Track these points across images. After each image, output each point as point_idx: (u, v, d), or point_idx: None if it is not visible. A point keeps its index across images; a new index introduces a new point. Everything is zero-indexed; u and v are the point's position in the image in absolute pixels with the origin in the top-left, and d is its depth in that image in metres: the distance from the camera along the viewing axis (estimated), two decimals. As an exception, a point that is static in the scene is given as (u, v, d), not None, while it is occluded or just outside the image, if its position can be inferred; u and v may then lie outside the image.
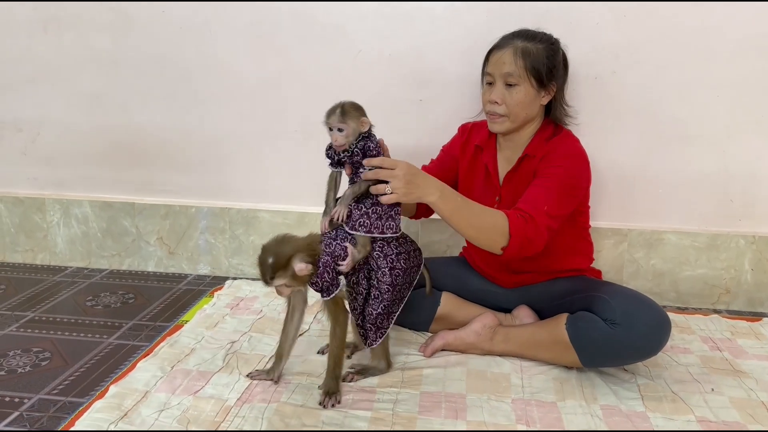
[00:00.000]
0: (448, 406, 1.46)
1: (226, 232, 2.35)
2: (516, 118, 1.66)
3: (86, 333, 1.87)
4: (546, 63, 1.63)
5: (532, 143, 1.69)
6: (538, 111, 1.69)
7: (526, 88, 1.63)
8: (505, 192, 1.72)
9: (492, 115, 1.67)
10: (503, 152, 1.76)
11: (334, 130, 1.45)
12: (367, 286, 1.54)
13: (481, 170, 1.79)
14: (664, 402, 1.49)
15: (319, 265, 1.43)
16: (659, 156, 2.06)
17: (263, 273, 1.39)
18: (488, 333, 1.70)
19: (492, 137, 1.77)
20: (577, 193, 1.63)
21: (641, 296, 1.57)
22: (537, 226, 1.52)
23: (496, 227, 1.49)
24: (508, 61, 1.62)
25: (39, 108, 2.35)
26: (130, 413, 1.40)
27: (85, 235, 2.42)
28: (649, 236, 2.12)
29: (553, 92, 1.68)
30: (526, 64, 1.61)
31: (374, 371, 1.59)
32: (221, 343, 1.75)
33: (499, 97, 1.64)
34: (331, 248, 1.46)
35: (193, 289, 2.24)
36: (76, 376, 1.61)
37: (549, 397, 1.50)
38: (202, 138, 2.29)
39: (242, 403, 1.45)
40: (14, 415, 1.43)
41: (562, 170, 1.60)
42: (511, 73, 1.62)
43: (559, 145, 1.65)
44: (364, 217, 1.47)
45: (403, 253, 1.52)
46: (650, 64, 1.99)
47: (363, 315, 1.54)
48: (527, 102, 1.64)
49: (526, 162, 1.68)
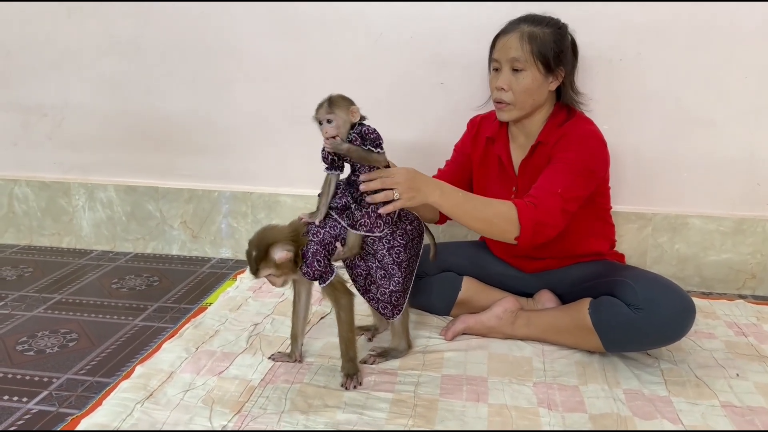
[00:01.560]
0: (469, 389, 1.46)
1: (248, 216, 2.36)
2: (523, 105, 1.64)
3: (112, 315, 1.90)
4: (553, 47, 1.60)
5: (545, 129, 1.67)
6: (546, 97, 1.66)
7: (533, 74, 1.61)
8: (521, 182, 1.71)
9: (499, 102, 1.66)
10: (516, 141, 1.75)
11: (324, 124, 1.43)
12: (364, 267, 1.54)
13: (495, 162, 1.77)
14: (687, 387, 1.48)
15: (308, 255, 1.44)
16: (685, 139, 2.04)
17: (250, 267, 1.42)
18: (510, 317, 1.70)
19: (503, 127, 1.75)
20: (594, 174, 1.61)
21: (665, 281, 1.56)
22: (549, 209, 1.51)
23: (504, 217, 1.48)
24: (514, 45, 1.60)
25: (63, 93, 2.38)
26: (156, 393, 1.42)
27: (110, 218, 2.45)
28: (674, 220, 2.10)
29: (562, 77, 1.65)
30: (532, 49, 1.59)
31: (395, 353, 1.60)
32: (244, 325, 1.77)
33: (505, 83, 1.62)
34: (320, 236, 1.46)
35: (216, 272, 2.26)
36: (103, 356, 1.65)
37: (571, 381, 1.50)
38: (223, 122, 2.30)
39: (266, 383, 1.47)
40: (43, 394, 1.46)
41: (577, 153, 1.58)
42: (517, 58, 1.60)
43: (572, 129, 1.63)
44: (365, 217, 1.46)
45: (398, 230, 1.53)
46: (676, 46, 1.97)
47: (369, 296, 1.55)
48: (534, 88, 1.62)
49: (540, 149, 1.66)
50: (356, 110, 1.45)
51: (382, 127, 1.50)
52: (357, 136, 1.44)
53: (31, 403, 1.42)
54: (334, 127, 1.43)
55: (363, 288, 1.56)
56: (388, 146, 1.54)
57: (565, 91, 1.68)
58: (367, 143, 1.44)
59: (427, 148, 2.14)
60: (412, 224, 1.56)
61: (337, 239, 1.47)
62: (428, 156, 2.01)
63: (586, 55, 1.95)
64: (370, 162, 1.45)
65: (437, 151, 1.98)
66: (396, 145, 2.09)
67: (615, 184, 1.88)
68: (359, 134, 1.44)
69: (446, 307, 1.82)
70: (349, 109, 1.44)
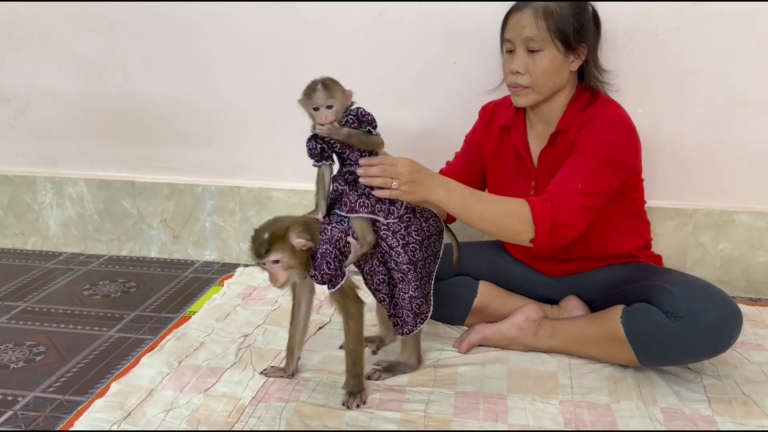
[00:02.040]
0: (486, 408, 1.46)
1: (236, 213, 2.37)
2: (542, 88, 1.64)
3: (84, 325, 1.90)
4: (573, 23, 1.59)
5: (566, 115, 1.67)
6: (567, 78, 1.66)
7: (551, 54, 1.60)
8: (541, 175, 1.71)
9: (514, 87, 1.65)
10: (534, 129, 1.74)
11: (321, 109, 1.44)
12: (385, 271, 1.54)
13: (511, 153, 1.77)
14: (733, 405, 1.48)
15: (317, 255, 1.44)
16: (729, 125, 2.04)
17: (258, 247, 1.39)
18: (532, 327, 1.70)
19: (520, 114, 1.75)
20: (622, 165, 1.61)
21: (707, 285, 1.56)
22: (567, 206, 1.51)
23: (516, 217, 1.49)
24: (529, 23, 1.59)
25: (28, 76, 2.38)
26: (134, 413, 1.42)
27: (81, 217, 2.46)
28: (718, 217, 2.10)
29: (584, 55, 1.65)
30: (549, 26, 1.58)
31: (403, 368, 1.60)
32: (233, 336, 1.78)
33: (521, 66, 1.62)
34: (328, 233, 1.47)
35: (200, 277, 2.27)
36: (74, 372, 1.65)
37: (602, 399, 1.50)
38: (209, 108, 2.31)
39: (257, 402, 1.47)
40: (8, 414, 1.47)
41: (601, 141, 1.58)
42: (533, 38, 1.59)
43: (596, 113, 1.62)
44: (363, 198, 1.47)
45: (413, 224, 1.53)
46: (719, 19, 1.96)
47: (393, 303, 1.55)
48: (554, 69, 1.61)
49: (561, 137, 1.66)
50: (350, 93, 1.47)
51: (386, 113, 1.50)
52: (354, 119, 1.45)
53: (-6, 425, 1.43)
54: (333, 112, 1.44)
55: (388, 296, 1.55)
56: (394, 135, 1.55)
57: (588, 70, 1.68)
58: (365, 125, 1.45)
59: (436, 136, 2.14)
60: (428, 221, 1.56)
61: (347, 233, 1.48)
62: (437, 146, 2.01)
63: (617, 30, 1.96)
64: (370, 145, 1.45)
65: (448, 140, 1.98)
66: (401, 133, 2.09)
67: (650, 177, 1.88)
68: (355, 116, 1.45)
69: (460, 315, 1.82)
70: (344, 91, 1.46)
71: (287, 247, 1.40)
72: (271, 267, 1.41)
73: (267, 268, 1.42)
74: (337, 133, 1.44)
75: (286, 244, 1.40)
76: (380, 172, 1.42)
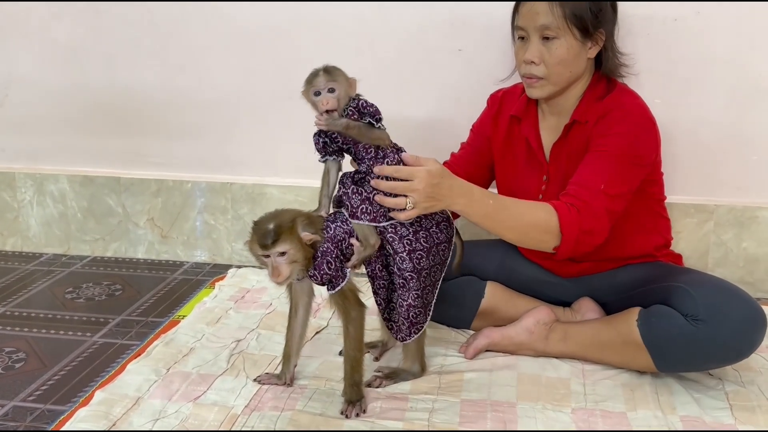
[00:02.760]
0: (494, 417, 1.47)
1: (227, 211, 2.38)
2: (558, 79, 1.64)
3: (66, 330, 1.92)
4: (590, 7, 1.59)
5: (581, 105, 1.67)
6: (585, 66, 1.67)
7: (568, 41, 1.60)
8: (553, 169, 1.72)
9: (529, 78, 1.66)
10: (547, 120, 1.75)
11: (323, 94, 1.45)
12: (387, 274, 1.55)
13: (522, 145, 1.78)
14: (757, 413, 1.49)
15: (317, 254, 1.45)
16: (753, 115, 2.04)
17: (262, 237, 1.40)
18: (543, 330, 1.71)
19: (531, 103, 1.76)
20: (643, 161, 1.62)
21: (730, 286, 1.57)
22: (594, 212, 1.52)
23: (542, 226, 1.50)
24: (543, 10, 1.59)
25: (6, 65, 2.40)
26: (120, 423, 1.43)
27: (63, 215, 2.47)
28: (741, 213, 2.11)
29: (602, 41, 1.65)
30: (565, 12, 1.58)
31: (406, 375, 1.61)
32: (225, 341, 1.79)
33: (535, 55, 1.62)
34: (331, 232, 1.48)
35: (190, 278, 2.28)
36: (56, 380, 1.66)
37: (617, 407, 1.51)
38: (199, 99, 2.32)
39: (250, 410, 1.48)
40: (-14, 424, 1.48)
41: (621, 136, 1.59)
42: (547, 25, 1.59)
43: (614, 105, 1.63)
44: (366, 203, 1.47)
45: (422, 230, 1.53)
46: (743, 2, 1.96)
47: (390, 308, 1.56)
48: (571, 58, 1.62)
49: (576, 129, 1.67)
50: (355, 81, 1.48)
51: (389, 102, 1.50)
52: (354, 110, 1.46)
53: (-29, 436, 1.44)
54: (335, 97, 1.45)
55: (385, 301, 1.57)
56: (395, 125, 1.55)
57: (606, 57, 1.68)
58: (366, 117, 1.46)
59: (441, 127, 2.15)
60: (438, 226, 1.56)
61: (351, 234, 1.49)
62: (443, 137, 2.02)
63: (635, 14, 1.96)
64: (372, 139, 1.46)
65: (453, 130, 1.99)
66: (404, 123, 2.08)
67: (669, 171, 1.88)
68: (356, 108, 1.46)
69: (467, 318, 1.83)
70: (347, 79, 1.47)
71: (295, 238, 1.41)
72: (276, 260, 1.41)
73: (270, 261, 1.42)
74: (335, 124, 1.44)
75: (294, 236, 1.41)
76: (391, 189, 1.42)
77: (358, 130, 1.45)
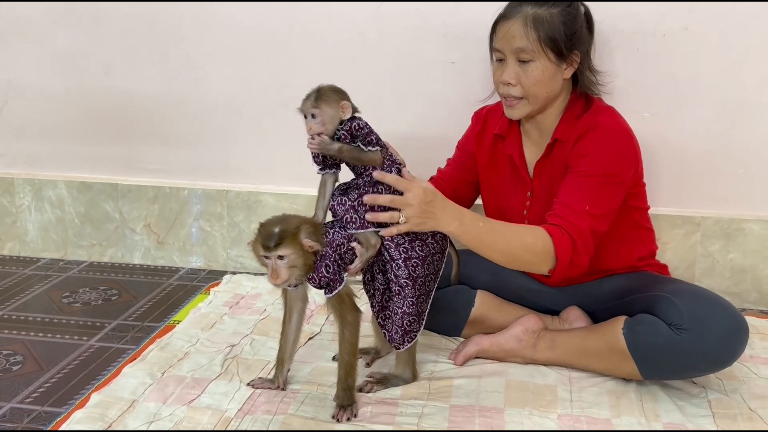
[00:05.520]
0: (482, 422, 1.50)
1: (223, 218, 2.41)
2: (535, 99, 1.68)
3: (63, 334, 1.94)
4: (564, 30, 1.63)
5: (561, 124, 1.71)
6: (561, 86, 1.70)
7: (543, 64, 1.64)
8: (537, 185, 1.76)
9: (507, 98, 1.70)
10: (529, 137, 1.79)
11: (308, 118, 1.50)
12: (383, 280, 1.59)
13: (506, 163, 1.82)
14: (739, 420, 1.52)
15: (317, 258, 1.49)
16: (740, 128, 2.07)
17: (266, 239, 1.44)
18: (531, 338, 1.74)
19: (514, 122, 1.79)
20: (622, 178, 1.65)
21: (713, 296, 1.61)
22: (582, 234, 1.56)
23: (534, 250, 1.54)
24: (518, 33, 1.63)
25: (5, 71, 2.43)
26: (115, 425, 1.47)
27: (60, 221, 2.50)
28: (727, 225, 2.14)
29: (577, 63, 1.69)
30: (539, 36, 1.62)
31: (397, 381, 1.64)
32: (219, 346, 1.82)
33: (512, 77, 1.66)
34: (330, 237, 1.52)
35: (186, 284, 2.31)
36: (53, 382, 1.69)
37: (602, 413, 1.54)
38: (196, 107, 2.35)
39: (244, 414, 1.52)
40: (-16, 425, 1.51)
41: (598, 157, 1.62)
42: (523, 48, 1.63)
43: (592, 123, 1.67)
44: (350, 212, 1.52)
45: (417, 239, 1.57)
46: (732, 17, 2.00)
47: (384, 315, 1.60)
48: (546, 79, 1.65)
49: (558, 147, 1.71)
50: (347, 106, 1.51)
51: (382, 113, 1.53)
52: (346, 134, 1.50)
53: (-31, 436, 1.47)
54: (318, 123, 1.49)
55: (379, 305, 1.61)
56: (388, 137, 1.59)
57: (581, 78, 1.72)
58: (358, 140, 1.50)
59: (434, 140, 2.17)
60: (434, 237, 1.60)
61: (351, 239, 1.53)
62: (436, 150, 2.04)
63: (623, 30, 2.00)
64: (364, 162, 1.51)
65: (447, 144, 2.01)
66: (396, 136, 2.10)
67: (656, 182, 1.92)
68: (348, 131, 1.50)
69: (457, 326, 1.86)
70: (339, 103, 1.50)
71: (297, 245, 1.45)
72: (276, 262, 1.45)
73: (270, 263, 1.46)
74: (326, 148, 1.49)
75: (296, 242, 1.45)
76: (389, 202, 1.46)
77: (350, 153, 1.50)
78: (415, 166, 1.62)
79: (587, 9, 1.72)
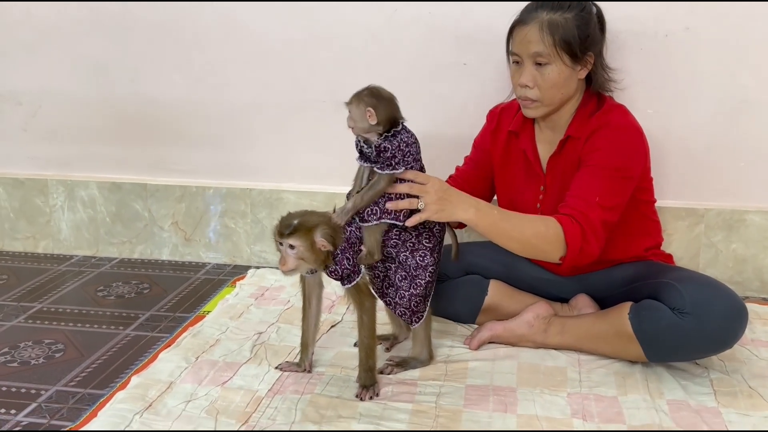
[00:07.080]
0: (496, 399, 1.60)
1: (247, 215, 2.51)
2: (551, 101, 1.75)
3: (100, 324, 2.05)
4: (578, 34, 1.70)
5: (575, 122, 1.79)
6: (576, 86, 1.78)
7: (558, 67, 1.71)
8: (550, 180, 1.84)
9: (524, 100, 1.77)
10: (543, 134, 1.86)
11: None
12: (383, 268, 1.69)
13: (520, 158, 1.89)
14: (739, 397, 1.60)
15: (337, 252, 1.59)
16: (741, 124, 2.14)
17: (282, 226, 1.55)
18: (542, 324, 1.82)
19: (528, 119, 1.86)
20: (633, 173, 1.72)
21: (714, 282, 1.68)
22: (593, 225, 1.63)
23: (546, 237, 1.62)
24: (535, 39, 1.70)
25: (40, 78, 2.52)
26: (155, 404, 1.57)
27: (92, 220, 2.60)
28: (730, 216, 2.21)
29: (591, 63, 1.76)
30: (555, 41, 1.69)
31: (415, 363, 1.74)
32: (247, 333, 1.92)
33: (529, 80, 1.73)
34: (347, 233, 1.62)
35: (212, 278, 2.41)
36: (94, 368, 1.80)
37: (609, 392, 1.63)
38: (219, 110, 2.44)
39: (274, 394, 1.62)
40: (32, 406, 1.62)
41: (609, 152, 1.70)
42: (539, 53, 1.70)
43: (604, 121, 1.74)
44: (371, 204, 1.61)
45: (424, 232, 1.66)
46: (731, 18, 2.07)
47: (387, 299, 1.70)
48: (562, 81, 1.73)
49: (571, 144, 1.78)
50: (372, 113, 1.57)
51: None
52: (375, 150, 1.59)
53: (20, 415, 1.58)
54: (349, 118, 1.60)
55: (379, 291, 1.70)
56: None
57: (595, 77, 1.80)
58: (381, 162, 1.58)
59: (448, 139, 2.23)
60: (435, 229, 1.70)
61: (362, 241, 1.63)
62: (449, 150, 2.12)
63: (628, 30, 2.08)
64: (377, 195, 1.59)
65: (460, 143, 2.09)
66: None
67: (662, 176, 1.98)
68: (377, 148, 1.58)
69: (471, 313, 1.94)
70: (365, 108, 1.57)
71: (308, 240, 1.55)
72: (286, 249, 1.56)
73: (281, 250, 1.57)
74: (343, 218, 1.60)
75: (308, 238, 1.55)
76: (407, 189, 1.55)
77: (362, 201, 1.59)
78: (428, 165, 1.69)
79: (599, 9, 1.79)
